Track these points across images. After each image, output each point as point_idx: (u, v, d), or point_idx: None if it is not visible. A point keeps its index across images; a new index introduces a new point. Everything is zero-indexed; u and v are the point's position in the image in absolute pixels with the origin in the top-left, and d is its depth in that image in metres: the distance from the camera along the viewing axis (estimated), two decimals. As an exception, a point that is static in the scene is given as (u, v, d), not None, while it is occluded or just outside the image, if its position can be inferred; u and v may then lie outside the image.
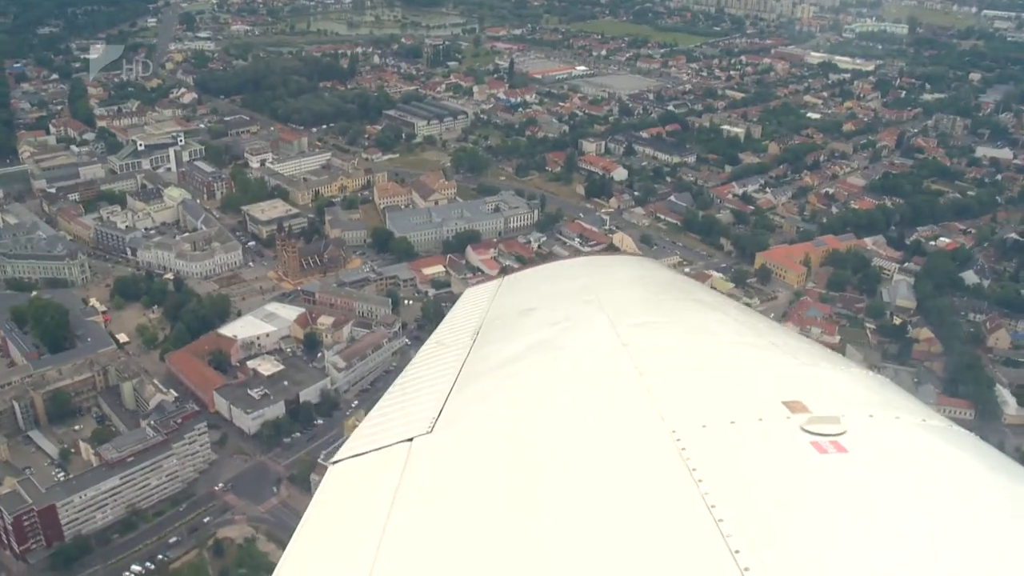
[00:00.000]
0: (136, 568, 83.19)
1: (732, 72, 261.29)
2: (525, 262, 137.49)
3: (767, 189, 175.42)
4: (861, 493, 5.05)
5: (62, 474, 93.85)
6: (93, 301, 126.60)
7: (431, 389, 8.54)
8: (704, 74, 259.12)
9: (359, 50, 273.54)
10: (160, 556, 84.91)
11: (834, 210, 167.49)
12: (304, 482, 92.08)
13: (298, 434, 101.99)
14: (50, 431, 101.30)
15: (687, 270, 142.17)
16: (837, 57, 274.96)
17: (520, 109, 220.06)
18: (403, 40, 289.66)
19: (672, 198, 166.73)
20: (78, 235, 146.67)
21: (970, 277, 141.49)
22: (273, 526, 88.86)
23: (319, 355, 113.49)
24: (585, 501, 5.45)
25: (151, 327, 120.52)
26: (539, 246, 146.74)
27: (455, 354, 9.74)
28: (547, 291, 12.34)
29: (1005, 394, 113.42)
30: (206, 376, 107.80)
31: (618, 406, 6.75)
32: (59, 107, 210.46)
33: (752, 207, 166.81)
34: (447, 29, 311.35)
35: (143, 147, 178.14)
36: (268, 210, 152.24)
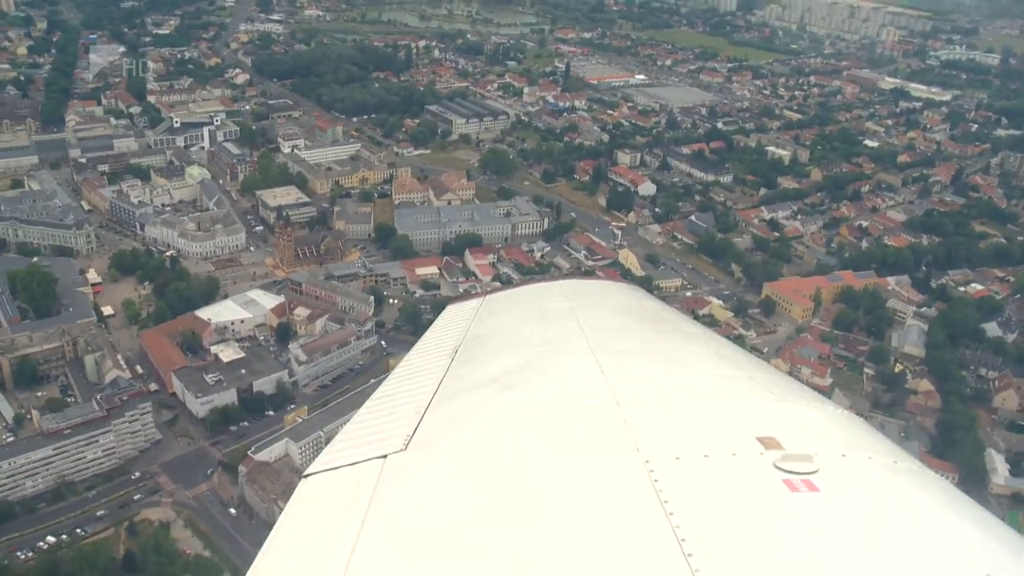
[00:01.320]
0: (51, 539, 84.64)
1: (797, 92, 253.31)
2: (524, 271, 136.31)
3: (798, 216, 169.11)
4: (830, 533, 5.08)
5: (12, 438, 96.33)
6: (91, 271, 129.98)
7: (407, 406, 8.56)
8: (766, 92, 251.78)
9: (422, 43, 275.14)
10: (78, 530, 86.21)
11: (864, 244, 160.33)
12: (234, 472, 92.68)
13: (246, 423, 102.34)
14: (13, 395, 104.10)
15: (688, 294, 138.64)
16: (912, 84, 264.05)
17: (565, 114, 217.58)
18: (469, 36, 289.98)
19: (693, 218, 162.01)
20: (96, 206, 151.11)
21: (992, 329, 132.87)
22: (195, 512, 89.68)
23: (289, 346, 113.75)
24: (556, 528, 5.44)
25: (137, 302, 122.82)
26: (542, 256, 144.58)
27: (433, 372, 9.75)
28: (529, 313, 12.29)
29: (998, 460, 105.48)
30: (170, 356, 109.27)
31: (594, 435, 6.74)
32: (118, 79, 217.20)
33: (777, 234, 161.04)
34: (517, 28, 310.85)
35: (179, 124, 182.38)
36: (280, 196, 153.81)
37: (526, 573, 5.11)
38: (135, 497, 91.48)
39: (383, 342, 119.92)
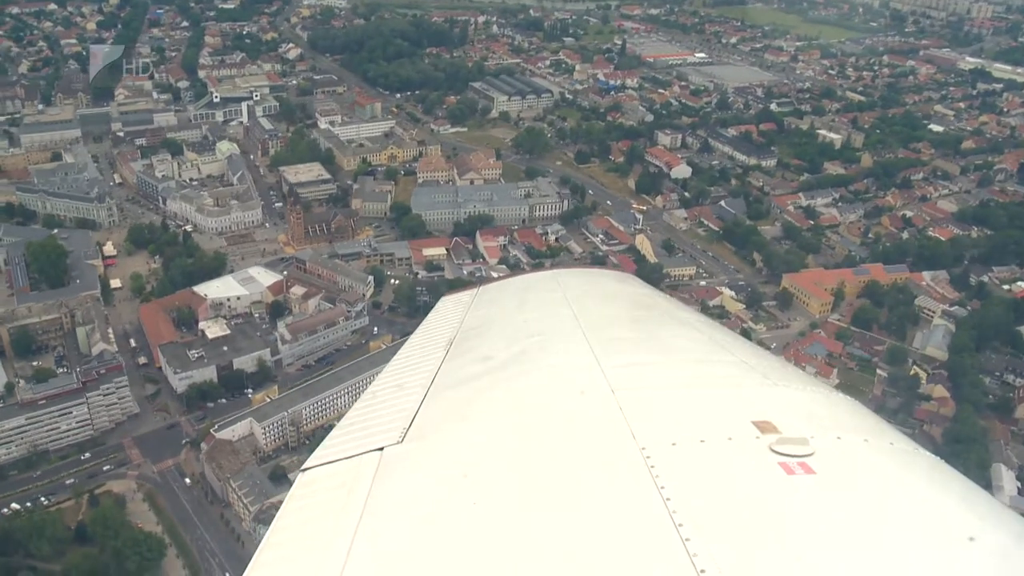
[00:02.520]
0: (16, 506, 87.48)
1: (865, 72, 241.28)
2: (535, 254, 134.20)
3: (838, 204, 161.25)
4: (827, 515, 5.11)
5: (1, 405, 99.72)
6: (108, 244, 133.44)
7: (403, 399, 8.62)
8: (832, 72, 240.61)
9: (481, 19, 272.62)
10: (42, 498, 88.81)
11: (905, 236, 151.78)
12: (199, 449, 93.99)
13: (223, 400, 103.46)
14: (11, 364, 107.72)
15: (702, 283, 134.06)
16: (996, 64, 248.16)
17: (612, 92, 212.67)
18: (532, 11, 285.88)
19: (722, 203, 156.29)
20: (127, 179, 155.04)
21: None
22: (156, 487, 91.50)
23: (277, 324, 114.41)
24: (554, 517, 5.48)
25: (145, 276, 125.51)
26: (556, 239, 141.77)
27: (428, 364, 9.81)
28: (522, 303, 12.37)
29: (1006, 477, 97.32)
30: (161, 331, 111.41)
31: (590, 423, 6.78)
32: (174, 53, 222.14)
33: (812, 222, 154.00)
34: (583, 3, 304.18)
35: (218, 99, 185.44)
36: (303, 173, 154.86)
37: (525, 563, 5.08)
38: (104, 468, 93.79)
39: (375, 327, 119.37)
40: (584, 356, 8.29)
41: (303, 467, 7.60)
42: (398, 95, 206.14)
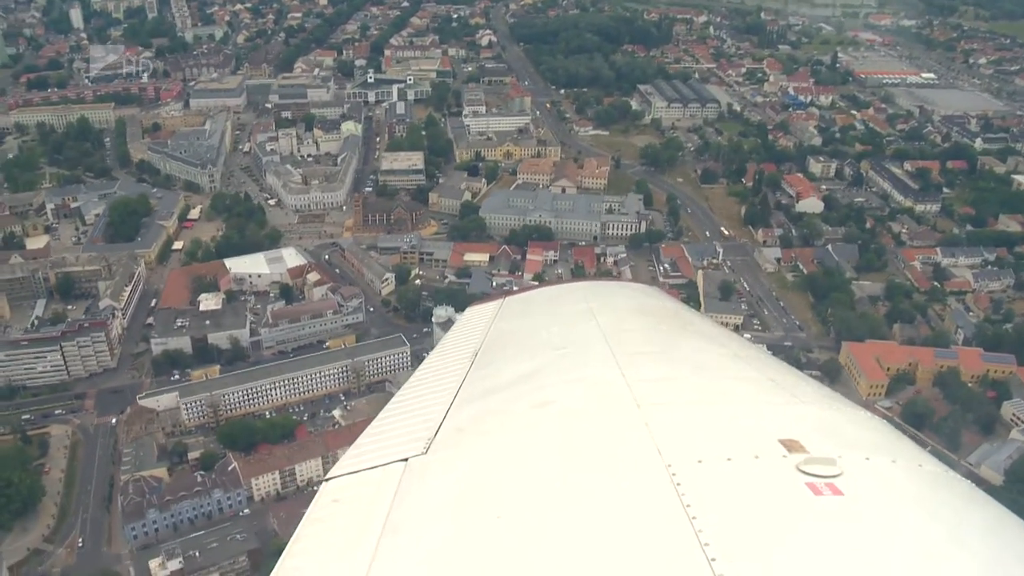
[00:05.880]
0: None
1: None
2: (578, 274, 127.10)
3: (988, 266, 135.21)
4: (854, 538, 5.04)
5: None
6: (196, 209, 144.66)
7: (428, 410, 8.75)
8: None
9: (701, 19, 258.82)
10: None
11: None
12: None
13: (189, 370, 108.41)
14: (51, 305, 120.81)
15: (747, 336, 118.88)
16: None
17: (792, 108, 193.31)
18: (763, 15, 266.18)
19: (829, 247, 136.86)
20: (252, 149, 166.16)
21: None
22: (84, 438, 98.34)
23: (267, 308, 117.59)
24: (578, 533, 5.49)
25: (205, 242, 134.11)
26: (615, 261, 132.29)
27: (453, 375, 9.96)
28: (548, 315, 12.58)
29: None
30: (172, 296, 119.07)
31: (615, 438, 6.77)
32: (376, 32, 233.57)
33: (936, 284, 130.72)
34: (827, 10, 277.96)
35: (372, 80, 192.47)
36: (400, 160, 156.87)
37: None
38: (56, 411, 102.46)
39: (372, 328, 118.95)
40: (610, 370, 8.21)
41: (327, 476, 7.60)
42: (563, 91, 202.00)
